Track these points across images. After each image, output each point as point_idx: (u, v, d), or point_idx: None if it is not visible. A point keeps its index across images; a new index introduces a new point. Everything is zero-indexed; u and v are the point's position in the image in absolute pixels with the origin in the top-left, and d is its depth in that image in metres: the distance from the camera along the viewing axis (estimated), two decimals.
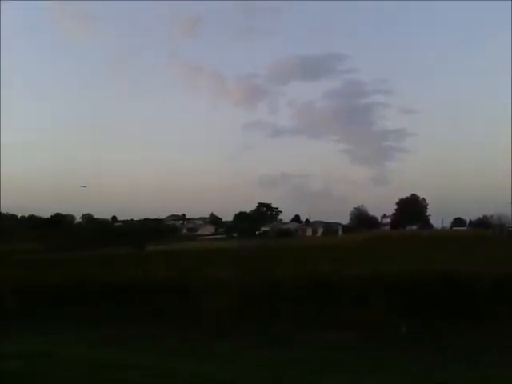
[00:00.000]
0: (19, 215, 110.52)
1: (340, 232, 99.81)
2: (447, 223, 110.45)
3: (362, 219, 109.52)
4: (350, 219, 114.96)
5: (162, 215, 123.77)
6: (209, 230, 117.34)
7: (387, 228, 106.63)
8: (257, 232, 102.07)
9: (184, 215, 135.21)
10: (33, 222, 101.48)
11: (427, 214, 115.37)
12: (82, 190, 62.60)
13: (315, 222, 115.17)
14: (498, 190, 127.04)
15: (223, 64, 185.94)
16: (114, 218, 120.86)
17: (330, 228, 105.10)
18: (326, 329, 10.80)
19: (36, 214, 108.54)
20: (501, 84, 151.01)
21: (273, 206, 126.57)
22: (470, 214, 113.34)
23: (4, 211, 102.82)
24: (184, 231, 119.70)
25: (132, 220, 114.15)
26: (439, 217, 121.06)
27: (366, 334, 10.29)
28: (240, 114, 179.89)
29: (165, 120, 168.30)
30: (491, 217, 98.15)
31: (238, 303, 12.01)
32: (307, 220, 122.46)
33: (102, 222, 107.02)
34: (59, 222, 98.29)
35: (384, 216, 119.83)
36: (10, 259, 30.55)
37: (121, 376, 6.86)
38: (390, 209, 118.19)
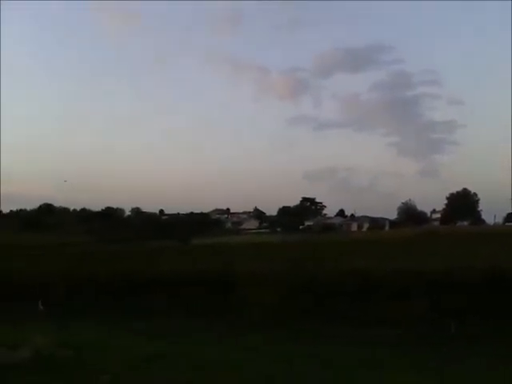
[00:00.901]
0: (71, 208, 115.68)
1: (387, 227, 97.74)
2: (500, 218, 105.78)
3: (410, 214, 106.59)
4: (398, 214, 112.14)
5: (207, 209, 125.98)
6: (253, 224, 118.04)
7: (437, 223, 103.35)
8: (300, 227, 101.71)
9: (228, 209, 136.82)
10: (84, 215, 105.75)
11: (479, 209, 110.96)
12: (67, 183, 65.07)
13: (361, 216, 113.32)
14: None
15: (267, 58, 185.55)
16: (161, 211, 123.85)
17: (376, 223, 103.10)
18: (368, 325, 10.78)
19: (87, 207, 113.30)
20: None
21: (317, 200, 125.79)
22: None
23: (57, 205, 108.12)
24: (228, 225, 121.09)
25: (178, 214, 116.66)
26: (491, 212, 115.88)
27: (408, 331, 10.23)
28: (284, 107, 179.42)
29: (210, 116, 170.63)
30: None
31: (282, 297, 12.18)
32: (352, 215, 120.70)
33: (149, 216, 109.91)
34: (109, 215, 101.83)
35: (433, 211, 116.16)
36: (62, 252, 32.03)
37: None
38: (440, 204, 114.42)
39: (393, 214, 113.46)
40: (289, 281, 12.71)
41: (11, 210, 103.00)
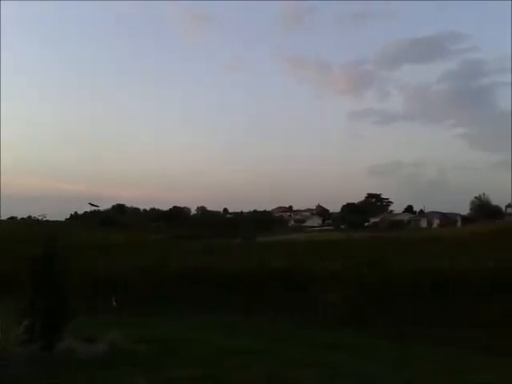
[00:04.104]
0: (142, 208, 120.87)
1: (459, 223, 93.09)
2: None
3: (484, 209, 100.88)
4: (471, 209, 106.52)
5: (270, 207, 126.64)
6: (316, 221, 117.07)
7: None
8: (366, 223, 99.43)
9: (291, 207, 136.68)
10: (154, 214, 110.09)
11: None
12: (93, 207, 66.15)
13: (430, 212, 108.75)
14: None
15: (329, 52, 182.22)
16: (225, 210, 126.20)
17: (447, 219, 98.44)
18: (444, 325, 10.29)
19: (156, 207, 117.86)
20: None
21: (383, 196, 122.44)
22: None
23: (128, 205, 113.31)
24: (291, 223, 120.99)
25: (242, 212, 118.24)
26: None
27: (488, 333, 9.61)
28: (348, 102, 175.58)
29: (271, 115, 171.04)
30: None
31: (352, 296, 11.91)
32: (421, 211, 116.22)
33: (214, 214, 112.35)
34: (177, 214, 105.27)
35: (509, 205, 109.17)
36: (136, 248, 33.37)
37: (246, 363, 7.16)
38: None
39: (465, 209, 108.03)
40: (359, 279, 12.39)
41: (85, 211, 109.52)
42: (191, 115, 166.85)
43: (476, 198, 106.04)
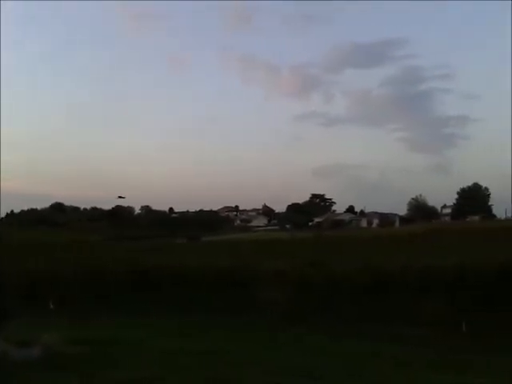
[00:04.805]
0: (82, 207, 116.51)
1: (397, 223, 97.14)
2: (511, 213, 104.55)
3: (420, 210, 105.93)
4: (408, 210, 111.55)
5: (216, 207, 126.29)
6: (262, 221, 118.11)
7: (447, 219, 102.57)
8: (310, 223, 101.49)
9: (237, 207, 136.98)
10: (95, 214, 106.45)
11: (490, 203, 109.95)
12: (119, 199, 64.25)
13: (370, 212, 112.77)
14: None
15: (277, 54, 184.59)
16: (170, 209, 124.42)
17: (386, 219, 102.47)
18: (384, 322, 10.68)
19: (98, 206, 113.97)
20: None
21: (326, 196, 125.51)
22: None
23: (68, 203, 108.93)
24: (237, 222, 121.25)
25: (187, 211, 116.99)
26: (503, 206, 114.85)
27: (424, 330, 10.09)
28: (294, 104, 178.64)
29: (218, 115, 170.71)
30: None
31: (295, 294, 12.10)
32: (362, 211, 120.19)
33: (159, 214, 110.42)
34: (119, 213, 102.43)
35: (444, 206, 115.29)
36: (72, 249, 32.12)
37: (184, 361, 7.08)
38: (451, 199, 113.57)
39: (403, 210, 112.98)
40: (301, 278, 12.61)
41: (22, 210, 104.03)
42: (135, 114, 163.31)
43: (413, 199, 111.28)
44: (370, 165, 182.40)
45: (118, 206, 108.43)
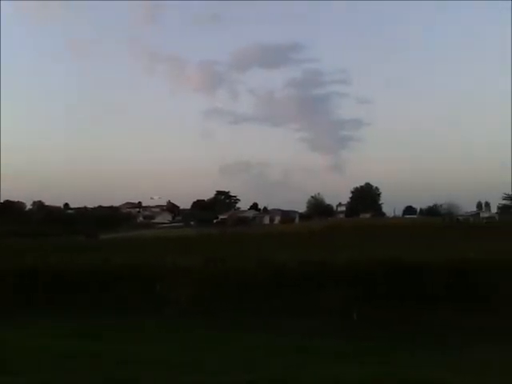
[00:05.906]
0: None
1: (297, 220, 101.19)
2: (399, 211, 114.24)
3: (318, 207, 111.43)
4: (307, 207, 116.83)
5: (117, 203, 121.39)
6: (166, 218, 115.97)
7: (342, 216, 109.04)
8: (214, 220, 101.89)
9: (140, 203, 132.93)
10: None
11: (380, 202, 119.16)
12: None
13: (272, 210, 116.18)
14: (449, 179, 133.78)
15: (184, 50, 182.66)
16: (66, 205, 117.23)
17: (287, 216, 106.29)
18: (282, 315, 11.08)
19: None
20: (462, 71, 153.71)
21: (231, 194, 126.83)
22: (422, 203, 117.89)
23: None
24: (140, 219, 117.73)
25: (85, 207, 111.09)
26: (392, 205, 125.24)
27: (320, 321, 10.66)
28: (200, 100, 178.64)
29: (124, 106, 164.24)
30: (441, 205, 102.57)
31: (199, 291, 12.12)
32: (265, 208, 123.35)
33: (53, 210, 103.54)
34: (8, 208, 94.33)
35: (339, 204, 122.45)
36: None
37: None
38: (346, 197, 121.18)
39: (303, 208, 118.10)
40: (205, 274, 12.65)
41: None
42: (31, 102, 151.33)
43: (312, 197, 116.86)
44: (274, 163, 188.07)
45: (6, 201, 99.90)
